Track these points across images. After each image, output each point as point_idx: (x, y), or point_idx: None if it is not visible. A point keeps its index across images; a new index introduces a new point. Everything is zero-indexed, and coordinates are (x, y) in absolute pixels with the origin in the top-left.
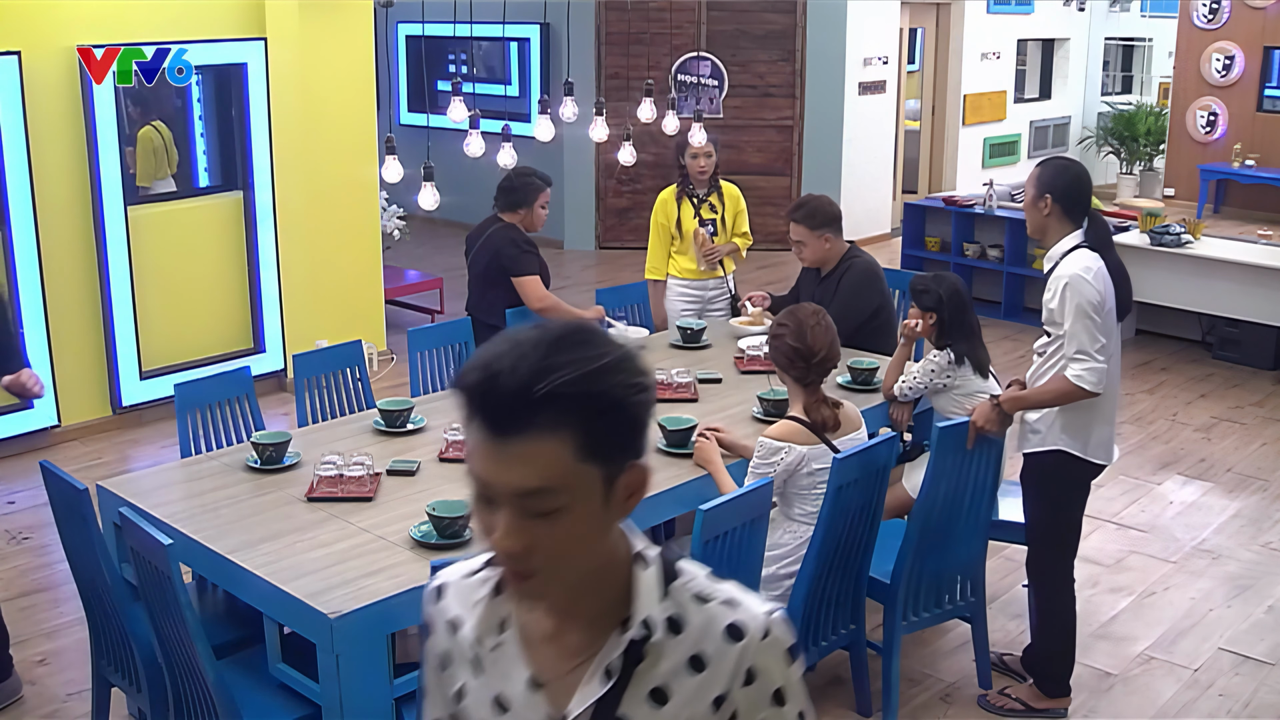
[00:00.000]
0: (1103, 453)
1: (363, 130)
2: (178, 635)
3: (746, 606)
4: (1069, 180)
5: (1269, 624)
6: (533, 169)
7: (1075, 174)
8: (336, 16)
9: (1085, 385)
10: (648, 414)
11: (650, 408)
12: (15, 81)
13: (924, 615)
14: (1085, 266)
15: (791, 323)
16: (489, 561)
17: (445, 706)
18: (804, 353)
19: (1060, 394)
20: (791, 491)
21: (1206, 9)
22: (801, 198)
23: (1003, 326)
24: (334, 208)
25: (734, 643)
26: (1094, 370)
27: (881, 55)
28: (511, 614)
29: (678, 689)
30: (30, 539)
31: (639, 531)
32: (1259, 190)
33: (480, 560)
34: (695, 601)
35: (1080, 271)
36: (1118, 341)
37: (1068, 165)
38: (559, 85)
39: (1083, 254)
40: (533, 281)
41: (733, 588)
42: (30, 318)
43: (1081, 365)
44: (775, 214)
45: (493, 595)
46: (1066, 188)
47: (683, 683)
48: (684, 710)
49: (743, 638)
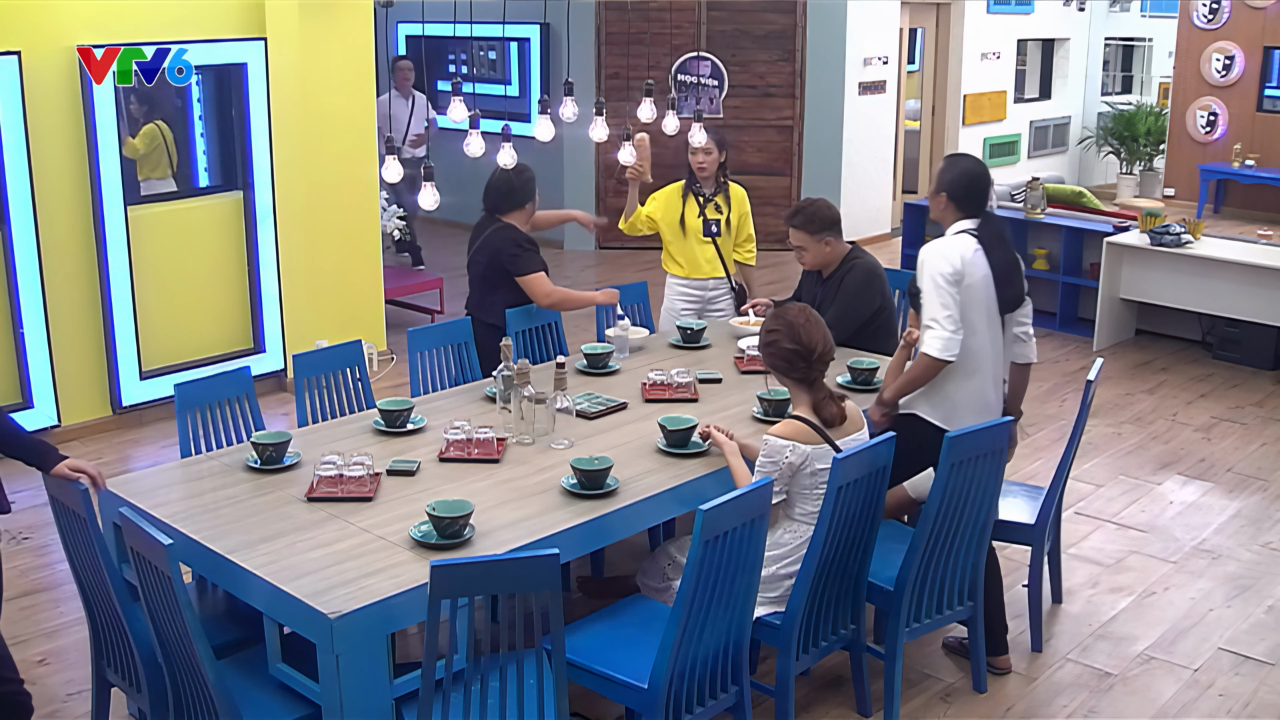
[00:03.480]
0: (956, 423)
1: (363, 130)
2: (178, 635)
3: None
4: (958, 176)
5: (1269, 624)
6: (521, 165)
7: (965, 170)
8: (336, 16)
9: (932, 352)
10: None
11: None
12: (15, 81)
13: (925, 621)
14: (947, 245)
15: (782, 325)
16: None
17: None
18: (802, 352)
19: (921, 369)
20: (793, 491)
21: (1206, 9)
22: (800, 202)
23: None
24: (334, 208)
25: None
26: (939, 338)
27: (881, 55)
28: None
29: None
30: (30, 539)
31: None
32: (1259, 190)
33: None
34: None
35: (939, 247)
36: (991, 323)
37: (962, 164)
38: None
39: (956, 238)
40: (539, 279)
41: None
42: (30, 318)
43: (930, 334)
44: (775, 214)
45: None
46: (955, 183)
47: None
48: None
49: None
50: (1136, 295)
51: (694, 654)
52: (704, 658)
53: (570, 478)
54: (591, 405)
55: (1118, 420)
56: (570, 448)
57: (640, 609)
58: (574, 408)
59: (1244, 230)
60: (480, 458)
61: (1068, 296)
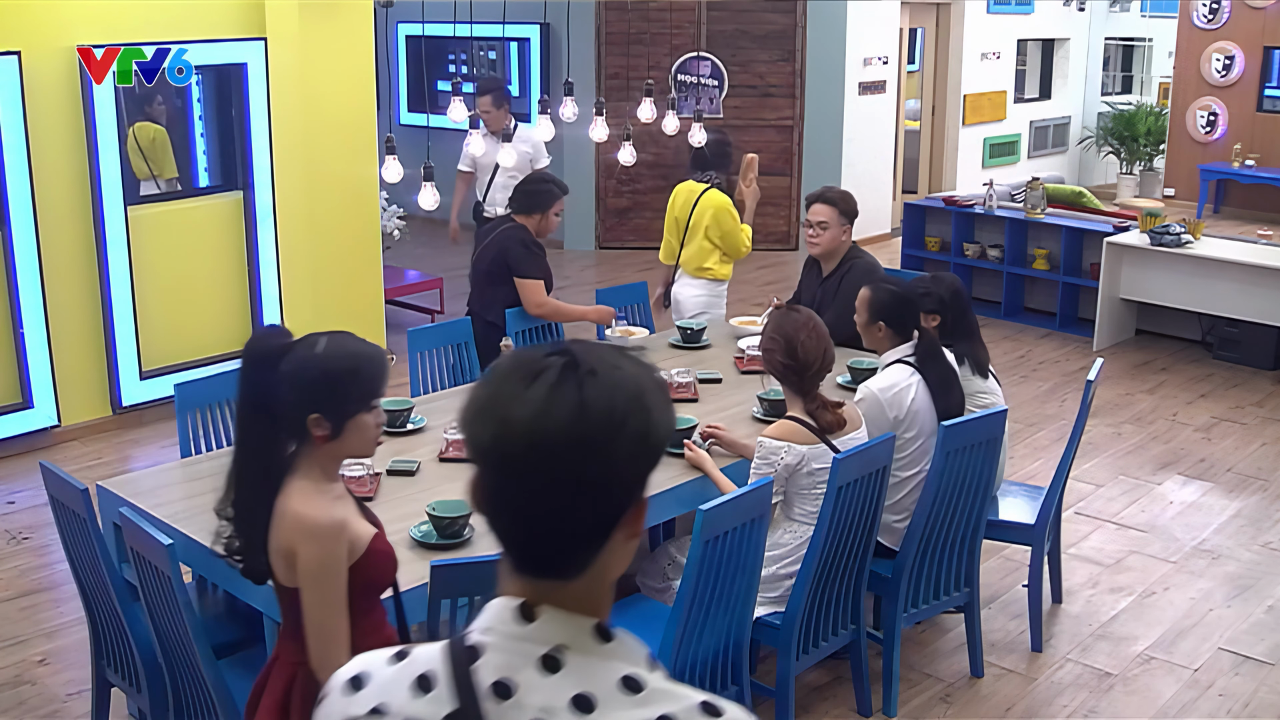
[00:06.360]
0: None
1: (363, 130)
2: (178, 635)
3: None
4: (889, 301)
5: (1269, 624)
6: (551, 176)
7: (892, 294)
8: (336, 16)
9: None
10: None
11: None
12: (15, 81)
13: (923, 607)
14: (888, 384)
15: (780, 337)
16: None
17: None
18: (796, 368)
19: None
20: (791, 491)
21: (1206, 9)
22: (827, 186)
23: (1003, 326)
24: (334, 208)
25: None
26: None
27: (881, 55)
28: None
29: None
30: (30, 539)
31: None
32: (1259, 190)
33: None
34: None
35: (876, 388)
36: (927, 439)
37: (886, 288)
38: (559, 85)
39: (893, 370)
40: (535, 285)
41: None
42: (30, 318)
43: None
44: (775, 214)
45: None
46: (887, 309)
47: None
48: None
49: None
50: (1136, 295)
51: (694, 654)
52: (704, 658)
53: None
54: None
55: (1118, 420)
56: None
57: (640, 609)
58: None
59: (1244, 230)
60: None
61: (1068, 296)
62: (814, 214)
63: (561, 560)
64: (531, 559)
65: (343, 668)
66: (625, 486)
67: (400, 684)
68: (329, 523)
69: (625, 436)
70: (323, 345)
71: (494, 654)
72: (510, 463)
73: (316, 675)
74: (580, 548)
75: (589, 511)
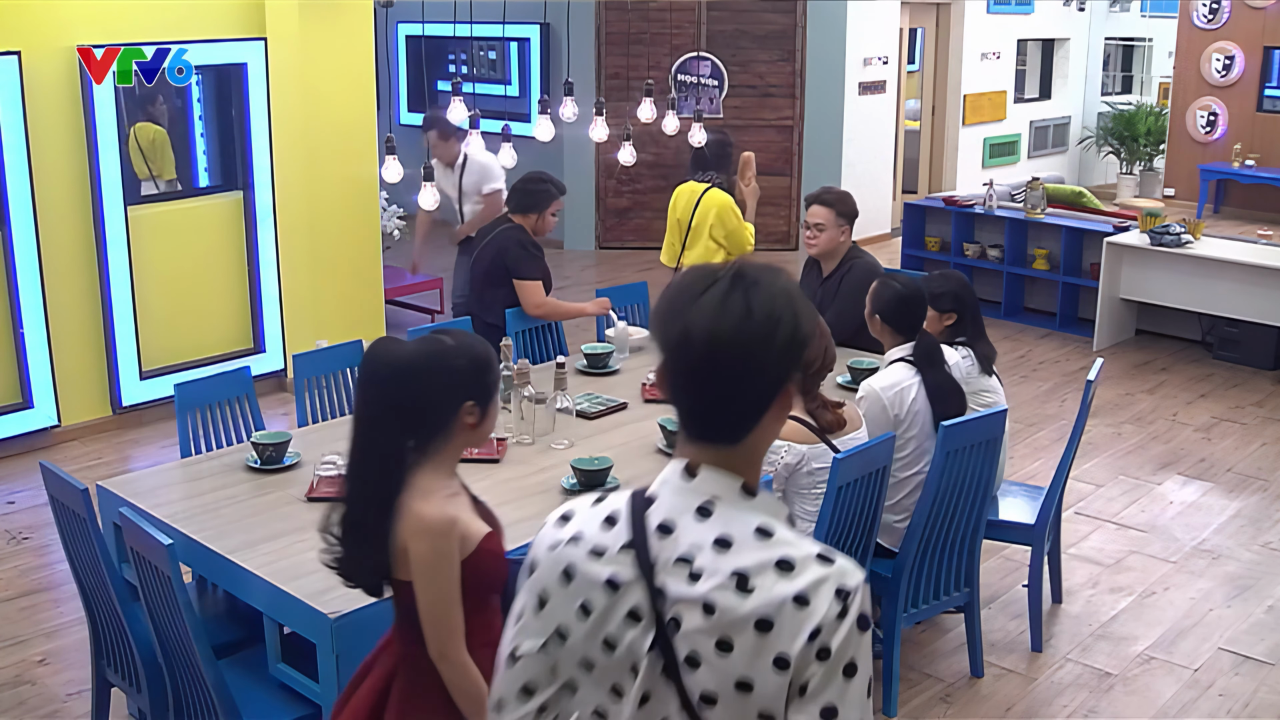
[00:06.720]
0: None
1: (363, 130)
2: (178, 635)
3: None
4: (892, 300)
5: (1269, 624)
6: (549, 176)
7: (897, 294)
8: (336, 16)
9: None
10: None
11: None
12: (15, 81)
13: (923, 607)
14: (888, 385)
15: None
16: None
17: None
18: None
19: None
20: (791, 491)
21: (1206, 9)
22: (825, 187)
23: (1003, 326)
24: (334, 208)
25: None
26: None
27: (881, 55)
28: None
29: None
30: (30, 539)
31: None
32: (1259, 190)
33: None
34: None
35: (878, 386)
36: (926, 440)
37: (894, 287)
38: (559, 85)
39: (895, 369)
40: (533, 286)
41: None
42: (30, 318)
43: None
44: (775, 214)
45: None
46: (889, 307)
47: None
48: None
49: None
50: (1136, 295)
51: None
52: None
53: (570, 478)
54: (591, 405)
55: (1118, 420)
56: (570, 448)
57: None
58: (574, 408)
59: (1244, 230)
60: (480, 458)
61: (1068, 296)
62: (811, 215)
63: (728, 430)
64: (703, 428)
65: (559, 508)
66: (778, 373)
67: (594, 520)
68: (441, 519)
69: (780, 334)
70: (451, 340)
71: (662, 501)
72: (690, 356)
73: (436, 665)
74: (742, 421)
75: (751, 392)
